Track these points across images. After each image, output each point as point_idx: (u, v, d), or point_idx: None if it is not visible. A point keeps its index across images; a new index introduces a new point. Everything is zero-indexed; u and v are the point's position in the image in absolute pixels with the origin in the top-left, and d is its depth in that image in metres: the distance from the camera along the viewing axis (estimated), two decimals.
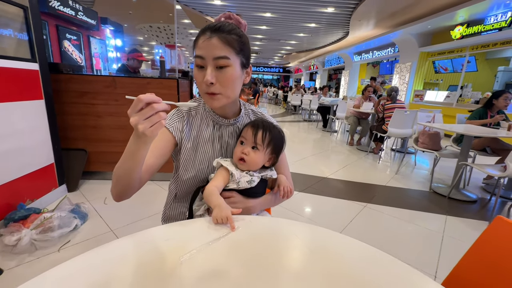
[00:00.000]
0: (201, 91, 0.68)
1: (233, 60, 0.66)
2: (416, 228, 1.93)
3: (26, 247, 1.40)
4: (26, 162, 1.76)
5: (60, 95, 2.22)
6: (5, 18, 1.61)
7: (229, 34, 0.65)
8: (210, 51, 0.63)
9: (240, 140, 0.74)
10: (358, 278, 0.43)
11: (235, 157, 0.72)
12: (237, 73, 0.68)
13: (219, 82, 0.66)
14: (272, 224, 0.60)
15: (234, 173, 0.69)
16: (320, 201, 2.33)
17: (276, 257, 0.48)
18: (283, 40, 11.46)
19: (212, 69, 0.64)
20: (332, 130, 6.00)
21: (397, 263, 0.47)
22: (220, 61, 0.64)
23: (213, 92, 0.66)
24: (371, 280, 0.43)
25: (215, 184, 0.67)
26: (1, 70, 1.54)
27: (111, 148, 2.42)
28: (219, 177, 0.69)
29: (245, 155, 0.71)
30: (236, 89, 0.70)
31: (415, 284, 0.42)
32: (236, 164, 0.72)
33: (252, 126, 0.74)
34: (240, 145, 0.73)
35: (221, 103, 0.69)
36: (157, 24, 7.99)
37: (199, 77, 0.66)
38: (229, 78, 0.66)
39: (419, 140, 2.94)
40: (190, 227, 0.57)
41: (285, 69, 23.55)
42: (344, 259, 0.48)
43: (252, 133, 0.72)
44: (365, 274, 0.44)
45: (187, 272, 0.42)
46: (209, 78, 0.64)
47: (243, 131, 0.75)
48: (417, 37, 7.21)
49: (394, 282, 0.43)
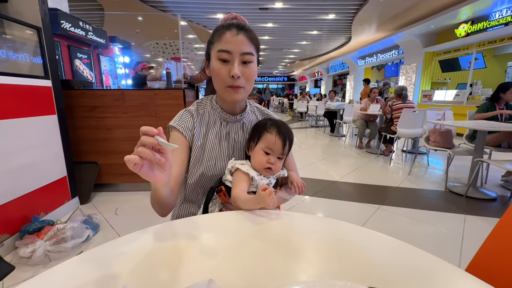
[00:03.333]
0: (222, 84, 0.70)
1: (254, 57, 0.71)
2: (434, 228, 1.86)
3: (40, 259, 1.42)
4: (40, 176, 1.80)
5: (71, 110, 2.30)
6: (21, 39, 1.70)
7: (252, 33, 0.70)
8: (238, 46, 0.67)
9: (265, 151, 0.72)
10: (381, 268, 0.41)
11: (259, 166, 0.71)
12: (256, 70, 0.72)
13: (243, 76, 0.69)
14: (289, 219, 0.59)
15: (255, 178, 0.69)
16: (332, 204, 2.28)
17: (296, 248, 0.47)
18: (286, 49, 11.62)
19: (238, 64, 0.68)
20: (340, 135, 5.94)
21: (420, 253, 0.44)
22: (246, 56, 0.68)
23: (238, 85, 0.69)
24: (393, 268, 0.41)
25: (243, 190, 0.66)
26: (16, 88, 1.61)
27: (122, 160, 2.43)
28: (243, 183, 0.68)
29: (272, 164, 0.71)
30: (253, 85, 0.74)
31: (440, 272, 0.40)
32: (260, 172, 0.72)
33: (280, 136, 0.72)
34: (265, 155, 0.71)
35: (242, 96, 0.72)
36: (163, 40, 8.28)
37: (223, 71, 0.68)
38: (252, 73, 0.70)
39: (430, 138, 2.87)
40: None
41: (290, 77, 23.76)
42: (366, 250, 0.46)
43: (282, 145, 0.72)
44: (387, 263, 0.42)
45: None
46: (237, 71, 0.66)
47: (267, 141, 0.72)
48: (421, 38, 7.18)
49: (419, 270, 0.41)
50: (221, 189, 0.71)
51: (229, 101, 0.76)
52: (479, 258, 0.48)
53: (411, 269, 0.41)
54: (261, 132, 0.73)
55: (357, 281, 0.34)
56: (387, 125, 3.82)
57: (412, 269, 0.41)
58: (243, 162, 0.73)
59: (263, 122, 0.77)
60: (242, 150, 0.80)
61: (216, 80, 0.71)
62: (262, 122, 0.78)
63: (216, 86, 0.72)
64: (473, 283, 0.38)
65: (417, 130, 3.51)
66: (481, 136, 2.38)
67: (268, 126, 0.74)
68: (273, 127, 0.73)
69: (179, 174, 0.70)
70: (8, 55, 1.61)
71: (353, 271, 0.40)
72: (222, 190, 0.71)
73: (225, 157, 0.78)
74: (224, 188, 0.71)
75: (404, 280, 0.38)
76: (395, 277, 0.39)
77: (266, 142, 0.72)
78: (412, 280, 0.38)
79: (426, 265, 0.42)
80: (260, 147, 0.72)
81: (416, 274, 0.40)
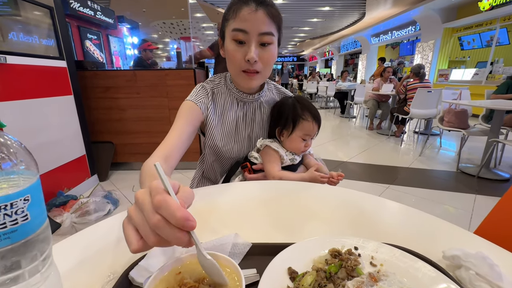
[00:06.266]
0: (237, 69, 0.63)
1: (275, 37, 0.62)
2: (443, 207, 1.88)
3: (68, 229, 1.53)
4: (61, 154, 1.90)
5: (86, 91, 2.35)
6: (34, 20, 1.72)
7: (273, 8, 0.60)
8: (256, 25, 0.58)
9: (303, 138, 0.73)
10: (392, 231, 0.45)
11: (298, 151, 0.75)
12: (276, 52, 0.65)
13: (261, 60, 0.61)
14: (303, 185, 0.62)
15: (284, 157, 0.73)
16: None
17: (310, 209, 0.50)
18: (296, 27, 11.19)
19: (256, 46, 0.60)
20: (351, 116, 5.85)
21: (430, 218, 0.47)
22: (265, 37, 0.59)
23: (255, 70, 0.62)
24: (405, 231, 0.44)
25: (278, 169, 0.71)
26: (33, 68, 1.66)
27: (135, 140, 2.54)
28: (277, 162, 0.72)
29: (308, 147, 0.75)
30: (271, 69, 0.67)
31: (451, 235, 0.43)
32: (296, 153, 0.76)
33: (315, 121, 0.73)
34: (303, 141, 0.74)
35: (258, 83, 0.66)
36: (170, 20, 8.10)
37: (238, 53, 0.61)
38: (271, 56, 0.62)
39: (444, 119, 2.81)
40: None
41: (299, 57, 23.05)
42: (378, 213, 0.49)
43: (318, 128, 0.75)
44: (398, 227, 0.46)
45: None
46: (254, 55, 0.59)
47: (305, 129, 0.72)
48: (441, 12, 6.75)
49: (426, 230, 0.44)
50: (246, 165, 0.74)
51: (243, 87, 0.72)
52: (487, 223, 0.50)
53: (418, 228, 0.44)
54: (296, 120, 0.72)
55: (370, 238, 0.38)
56: (400, 105, 3.73)
57: (419, 228, 0.44)
58: (271, 140, 0.75)
59: (292, 106, 0.73)
60: (261, 131, 0.78)
61: (230, 63, 0.64)
62: (289, 105, 0.74)
63: (231, 69, 0.66)
64: (481, 243, 0.40)
65: (431, 111, 3.42)
66: (498, 116, 2.31)
67: (301, 112, 0.72)
68: (307, 112, 0.72)
69: (179, 145, 0.60)
70: (24, 37, 1.64)
71: (367, 231, 0.44)
72: (248, 166, 0.74)
73: (242, 139, 0.77)
74: (249, 164, 0.74)
75: (412, 239, 0.41)
76: (405, 234, 0.42)
77: (304, 130, 0.72)
78: (420, 238, 0.41)
79: (434, 227, 0.45)
80: (297, 135, 0.73)
81: (423, 233, 0.43)
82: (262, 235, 0.42)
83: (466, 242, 0.41)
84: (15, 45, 1.56)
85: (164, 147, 0.58)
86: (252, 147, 0.78)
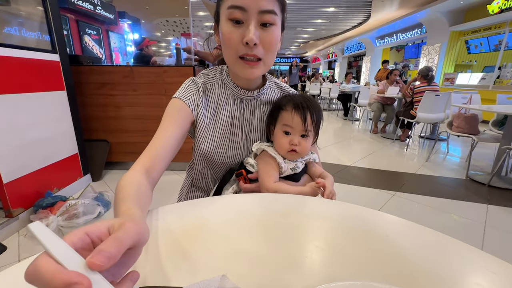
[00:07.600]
0: (233, 54, 0.54)
1: (278, 18, 0.53)
2: (454, 218, 1.77)
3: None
4: (51, 152, 1.80)
5: (81, 87, 2.26)
6: (25, 10, 1.63)
7: None
8: (256, 1, 0.49)
9: (284, 130, 0.62)
10: (402, 253, 0.34)
11: (282, 149, 0.62)
12: (279, 36, 0.55)
13: (262, 43, 0.52)
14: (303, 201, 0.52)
15: (282, 164, 0.62)
16: (345, 189, 2.20)
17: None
18: (299, 28, 11.10)
19: (256, 26, 0.51)
20: (354, 119, 5.74)
21: (440, 236, 0.41)
22: (267, 16, 0.51)
23: (255, 55, 0.52)
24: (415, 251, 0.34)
25: (275, 180, 0.61)
26: (23, 61, 1.57)
27: (131, 139, 2.44)
28: (273, 171, 0.61)
29: (296, 146, 0.61)
30: (274, 57, 0.57)
31: (463, 255, 0.33)
32: (286, 157, 0.63)
33: (296, 110, 0.60)
34: (285, 136, 0.62)
35: (259, 72, 0.56)
36: (173, 18, 8.03)
37: (234, 35, 0.51)
38: (273, 40, 0.53)
39: (453, 124, 2.69)
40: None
41: (302, 58, 22.94)
42: (383, 233, 0.39)
43: (301, 119, 0.60)
44: (408, 248, 0.35)
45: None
46: (253, 36, 0.50)
47: (285, 118, 0.61)
48: (448, 15, 6.63)
49: (441, 252, 0.34)
50: (241, 173, 0.64)
51: (242, 78, 0.61)
52: None
53: (433, 251, 0.34)
54: (278, 112, 0.63)
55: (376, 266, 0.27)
56: (406, 108, 3.62)
57: (434, 251, 0.34)
58: (269, 145, 0.64)
59: (279, 101, 0.65)
60: (260, 133, 0.68)
61: (226, 48, 0.54)
62: (277, 101, 0.66)
63: (226, 56, 0.56)
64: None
65: (439, 115, 3.31)
66: (511, 122, 2.20)
67: (284, 103, 0.63)
68: (289, 102, 0.62)
69: (163, 153, 0.53)
70: (13, 28, 1.55)
71: (372, 256, 0.34)
72: (243, 174, 0.63)
73: (238, 141, 0.66)
74: (245, 172, 0.63)
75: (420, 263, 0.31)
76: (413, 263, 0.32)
77: (283, 120, 0.62)
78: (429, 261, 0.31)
79: (453, 248, 0.35)
80: (278, 128, 0.63)
81: (439, 256, 0.33)
82: (257, 270, 0.32)
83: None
84: (3, 37, 1.47)
85: (146, 157, 0.51)
86: (250, 152, 0.68)
